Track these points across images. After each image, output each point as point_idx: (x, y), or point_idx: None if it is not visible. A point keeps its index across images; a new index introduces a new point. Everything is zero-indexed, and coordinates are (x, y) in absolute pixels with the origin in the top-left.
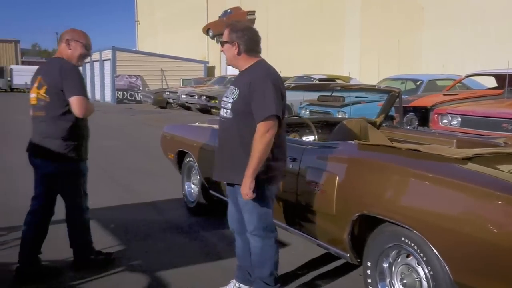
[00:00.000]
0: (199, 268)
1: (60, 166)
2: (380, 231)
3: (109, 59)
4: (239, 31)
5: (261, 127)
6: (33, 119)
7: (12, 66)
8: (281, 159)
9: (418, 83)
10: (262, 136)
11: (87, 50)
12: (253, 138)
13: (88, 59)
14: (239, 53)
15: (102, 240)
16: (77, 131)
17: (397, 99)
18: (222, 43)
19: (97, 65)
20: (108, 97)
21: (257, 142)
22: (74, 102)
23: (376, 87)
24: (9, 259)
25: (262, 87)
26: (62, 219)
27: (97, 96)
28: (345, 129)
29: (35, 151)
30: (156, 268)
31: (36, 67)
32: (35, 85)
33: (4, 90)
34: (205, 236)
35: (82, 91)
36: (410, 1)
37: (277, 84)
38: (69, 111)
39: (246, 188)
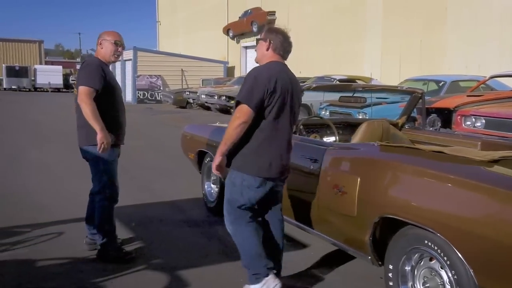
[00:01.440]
0: (218, 268)
1: (85, 151)
2: (403, 233)
3: (130, 59)
4: (274, 32)
5: (234, 112)
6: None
7: (36, 66)
8: (264, 149)
9: (440, 84)
10: (233, 120)
11: (117, 46)
12: None
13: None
14: (267, 49)
15: (123, 237)
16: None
17: (420, 100)
18: (257, 41)
19: (118, 65)
20: (129, 97)
21: (228, 124)
22: (79, 91)
23: (399, 88)
24: (30, 256)
25: (246, 77)
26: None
27: None
28: (367, 130)
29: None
30: (176, 267)
31: (59, 67)
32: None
33: (28, 90)
34: (224, 236)
35: (87, 83)
36: (433, 1)
37: (261, 79)
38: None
39: (214, 163)
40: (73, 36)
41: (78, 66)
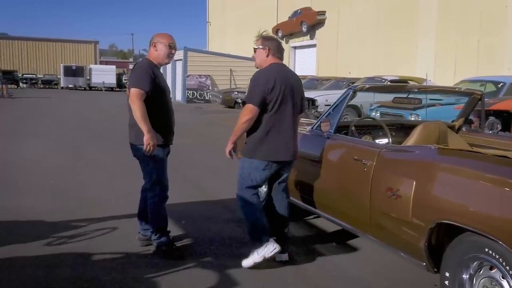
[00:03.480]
0: (268, 268)
1: (135, 149)
2: (461, 240)
3: (180, 59)
4: (269, 39)
5: (243, 110)
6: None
7: (91, 66)
8: (269, 138)
9: (499, 86)
10: (241, 116)
11: (170, 49)
12: None
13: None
14: (267, 55)
15: (174, 235)
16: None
17: (479, 102)
18: (255, 50)
19: (169, 65)
20: (179, 96)
21: (238, 119)
22: (130, 93)
23: (457, 89)
24: (87, 249)
25: (250, 80)
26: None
27: None
28: (422, 132)
29: (129, 136)
30: (226, 266)
31: (112, 66)
32: None
33: (83, 88)
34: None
35: (138, 85)
36: None
37: (261, 80)
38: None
39: (226, 149)
40: (127, 36)
41: (130, 66)
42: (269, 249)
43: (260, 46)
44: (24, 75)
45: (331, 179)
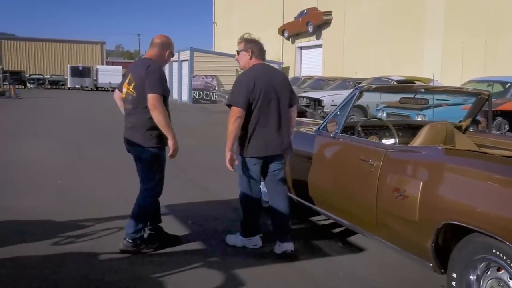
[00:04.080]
0: (274, 269)
1: (141, 151)
2: (468, 241)
3: (187, 60)
4: (252, 42)
5: (230, 113)
6: (125, 111)
7: (98, 66)
8: (256, 135)
9: (507, 86)
10: (229, 120)
11: (172, 54)
12: None
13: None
14: (250, 58)
15: (180, 235)
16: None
17: (487, 103)
18: (238, 52)
19: (175, 66)
20: (185, 97)
21: (227, 124)
22: (149, 98)
23: (464, 89)
24: (94, 249)
25: (234, 84)
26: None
27: (175, 96)
28: (429, 132)
29: (126, 139)
30: (232, 267)
31: (119, 67)
32: (126, 81)
33: (90, 89)
34: None
35: (158, 90)
36: None
37: (243, 82)
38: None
39: (226, 158)
40: (133, 37)
41: None
42: (252, 242)
43: (243, 49)
44: (32, 76)
45: (337, 179)
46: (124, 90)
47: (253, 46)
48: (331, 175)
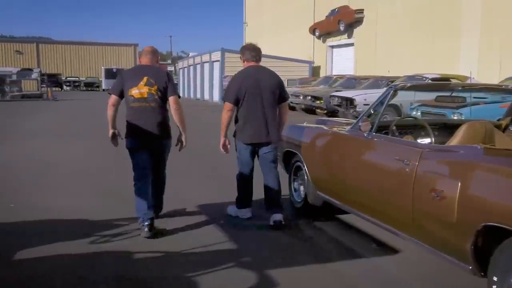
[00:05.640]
0: (307, 269)
1: (167, 143)
2: (510, 243)
3: (218, 60)
4: (243, 49)
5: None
6: (141, 109)
7: None
8: (244, 126)
9: None
10: (223, 111)
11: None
12: None
13: (198, 60)
14: (243, 62)
15: (213, 234)
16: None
17: None
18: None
19: (206, 66)
20: (216, 97)
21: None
22: (173, 99)
23: (503, 86)
24: (129, 248)
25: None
26: None
27: (206, 96)
28: (467, 131)
29: (155, 134)
30: (265, 267)
31: None
32: (142, 83)
33: None
34: (312, 237)
35: (176, 92)
36: None
37: (233, 81)
38: (166, 104)
39: (220, 143)
40: (165, 38)
41: (169, 68)
42: (243, 213)
43: (240, 56)
44: (68, 78)
45: (371, 179)
46: (142, 90)
47: (243, 52)
48: (365, 175)
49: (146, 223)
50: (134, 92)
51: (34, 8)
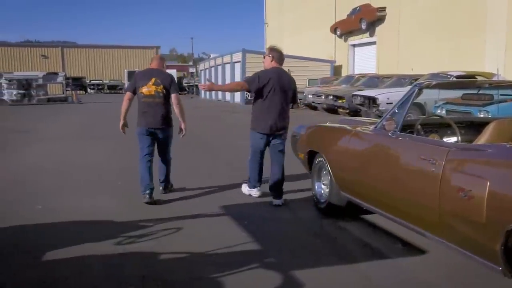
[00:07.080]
0: (333, 271)
1: (170, 130)
2: None
3: (239, 61)
4: (274, 50)
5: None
6: (149, 104)
7: None
8: (263, 117)
9: None
10: (237, 83)
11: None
12: None
13: (220, 61)
14: (272, 61)
15: (237, 235)
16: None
17: None
18: (264, 56)
19: (228, 67)
20: (237, 98)
21: (235, 83)
22: (174, 96)
23: None
24: (154, 249)
25: (255, 73)
26: None
27: (227, 97)
28: (495, 130)
29: (157, 123)
30: (289, 267)
31: (173, 70)
32: (150, 82)
33: None
34: (336, 238)
35: (178, 91)
36: None
37: (261, 76)
38: (169, 100)
39: (204, 86)
40: (186, 40)
41: (190, 70)
42: (253, 192)
43: (267, 54)
44: (92, 81)
45: (397, 179)
46: (150, 89)
47: (275, 53)
48: (390, 174)
49: (147, 192)
50: (144, 90)
51: (59, 13)
